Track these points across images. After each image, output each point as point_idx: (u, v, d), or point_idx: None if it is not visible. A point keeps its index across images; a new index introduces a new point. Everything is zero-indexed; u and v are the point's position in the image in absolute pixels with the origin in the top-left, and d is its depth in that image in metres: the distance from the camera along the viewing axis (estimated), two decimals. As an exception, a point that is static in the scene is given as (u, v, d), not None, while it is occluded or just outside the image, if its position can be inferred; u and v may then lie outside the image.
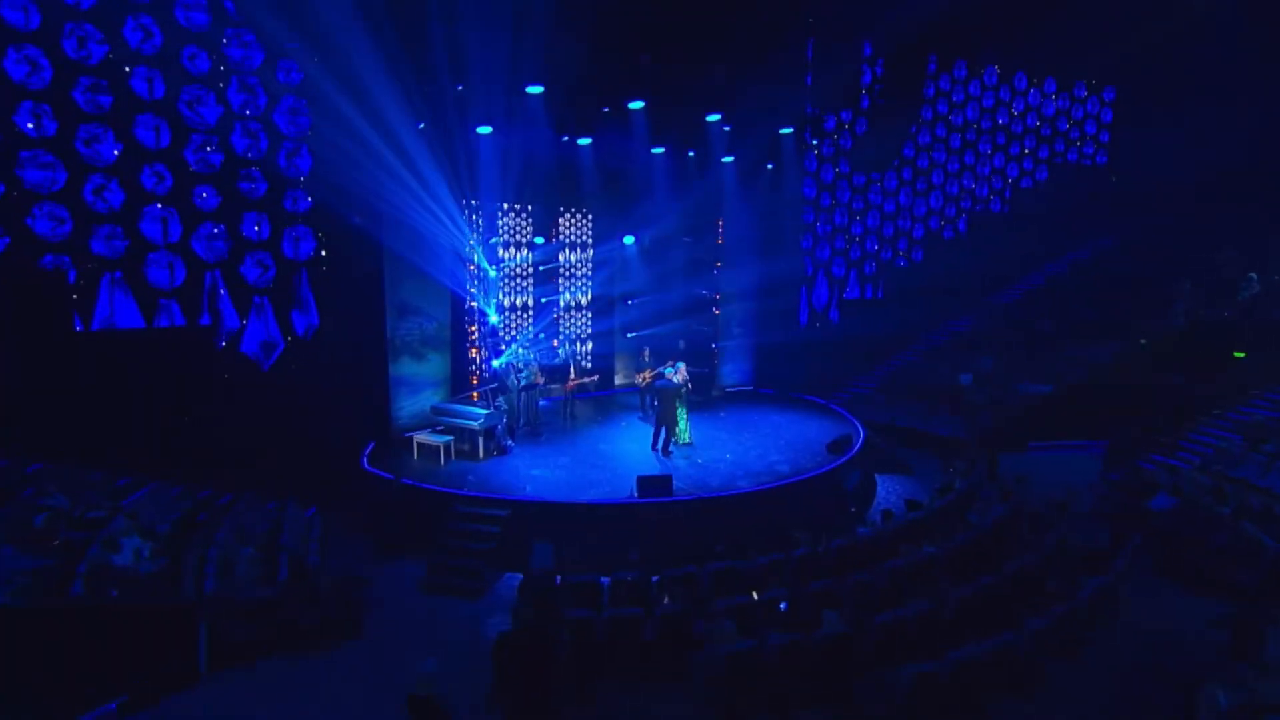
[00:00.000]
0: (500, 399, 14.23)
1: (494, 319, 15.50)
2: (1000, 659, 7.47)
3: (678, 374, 14.42)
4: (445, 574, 10.68)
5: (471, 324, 15.83)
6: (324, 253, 12.91)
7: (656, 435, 14.07)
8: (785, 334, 19.92)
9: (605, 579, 9.32)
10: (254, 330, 12.25)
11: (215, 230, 11.49)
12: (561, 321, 19.06)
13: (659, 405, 14.07)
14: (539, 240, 18.24)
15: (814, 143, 19.08)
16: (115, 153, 10.59)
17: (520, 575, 10.63)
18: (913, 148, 20.90)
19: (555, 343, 18.00)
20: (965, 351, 21.03)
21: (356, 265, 13.43)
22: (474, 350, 15.87)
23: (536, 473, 12.84)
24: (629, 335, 19.44)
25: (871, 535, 10.72)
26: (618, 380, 20.18)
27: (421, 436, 13.43)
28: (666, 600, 8.83)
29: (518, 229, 18.02)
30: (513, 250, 18.09)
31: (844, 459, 13.71)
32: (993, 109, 21.74)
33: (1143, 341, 18.14)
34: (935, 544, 10.37)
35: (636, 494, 11.55)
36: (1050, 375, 18.59)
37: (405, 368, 14.31)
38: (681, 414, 14.52)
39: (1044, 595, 8.73)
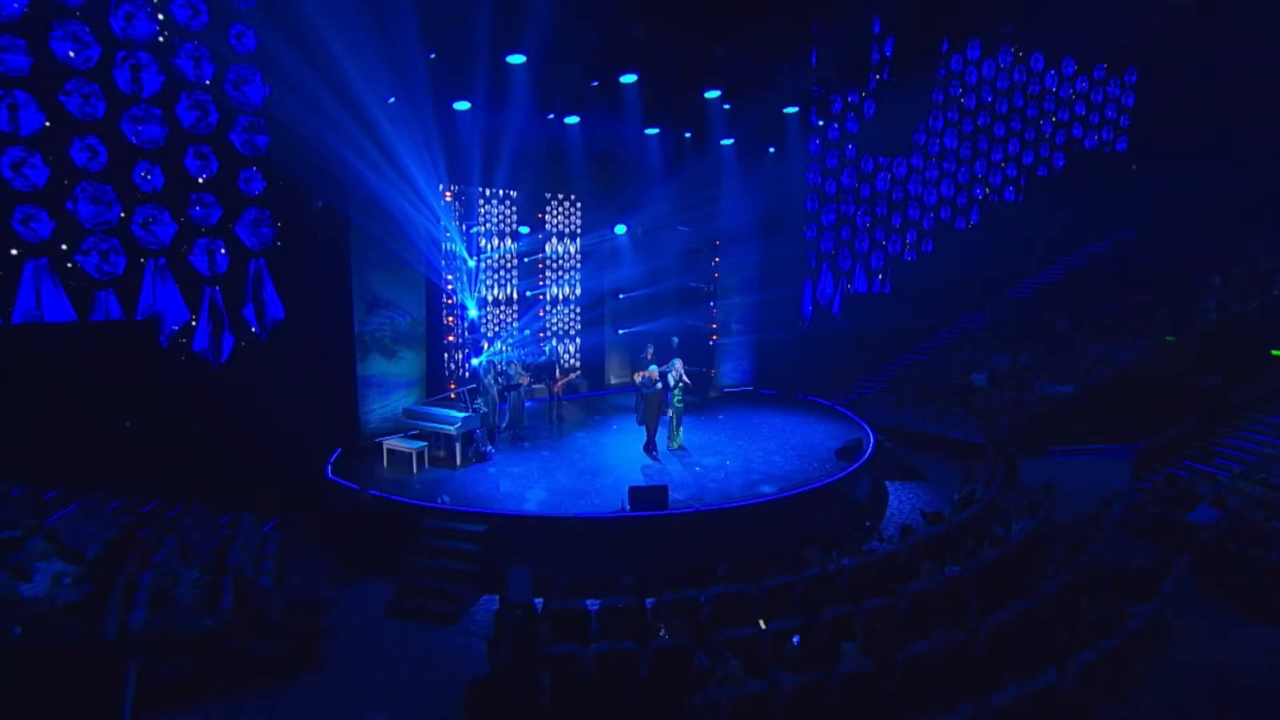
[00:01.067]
0: (479, 400, 13.41)
1: (474, 313, 14.65)
2: (1044, 702, 6.72)
3: (672, 372, 13.67)
4: (416, 596, 9.90)
5: (449, 319, 14.97)
6: (283, 240, 12.04)
7: (650, 438, 13.44)
8: (787, 330, 19.19)
9: (594, 603, 8.54)
10: (205, 325, 11.37)
11: (159, 213, 10.60)
12: (548, 316, 18.28)
13: (641, 405, 13.36)
14: (523, 230, 17.44)
15: (820, 123, 18.31)
16: (39, 123, 9.66)
17: (500, 598, 9.84)
18: (923, 132, 20.18)
19: (541, 337, 17.17)
20: (978, 350, 20.40)
21: (320, 254, 12.59)
22: (452, 347, 15.01)
23: (517, 482, 12.03)
24: (620, 332, 18.72)
25: (889, 553, 9.97)
26: (611, 380, 19.42)
27: (392, 442, 12.61)
28: (663, 632, 8.04)
29: (500, 217, 17.19)
30: (495, 240, 17.29)
31: (855, 466, 13.01)
32: (1008, 91, 21.05)
33: (1169, 338, 17.48)
34: (959, 562, 9.67)
35: (628, 507, 10.78)
36: (1071, 375, 17.93)
37: (375, 366, 13.48)
38: (679, 412, 13.83)
39: (1085, 623, 8.00)
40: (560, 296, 18.72)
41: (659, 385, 13.47)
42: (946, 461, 16.33)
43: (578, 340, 19.04)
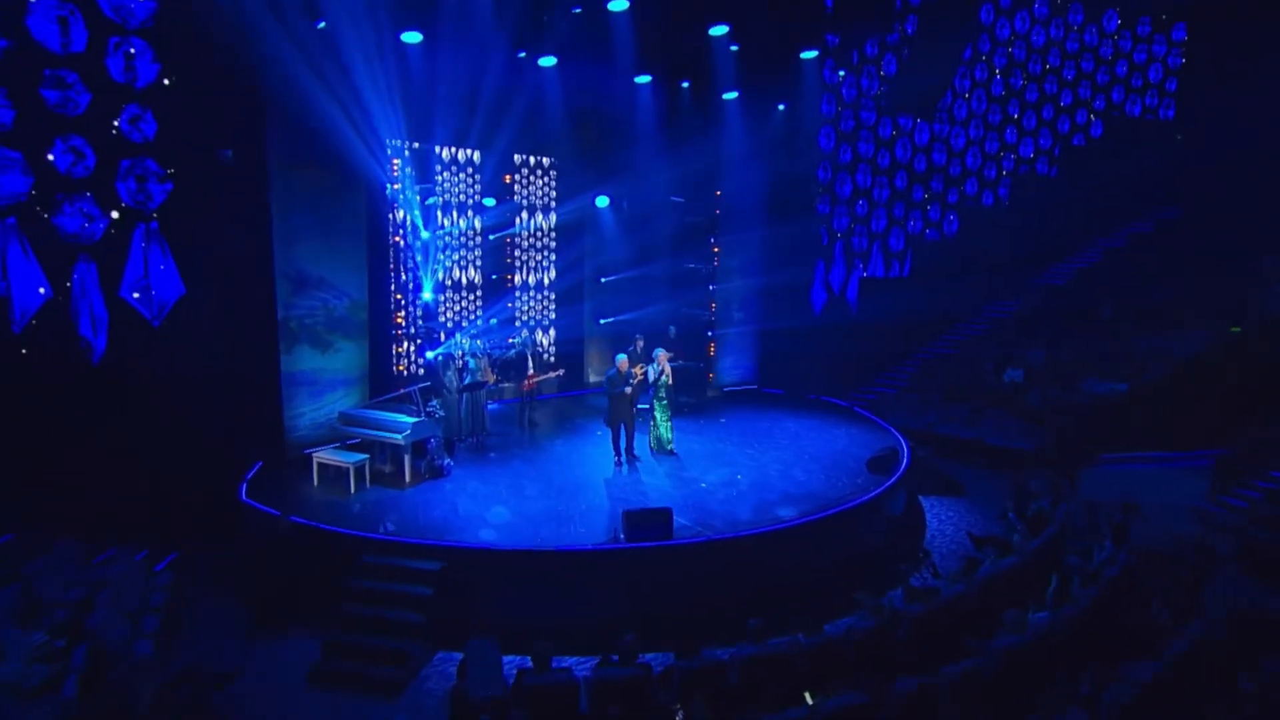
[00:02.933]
0: (435, 402, 11.57)
1: (428, 295, 12.77)
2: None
3: (653, 365, 12.15)
4: (350, 657, 8.13)
5: (398, 304, 13.05)
6: (182, 199, 10.11)
7: (616, 441, 11.94)
8: (795, 320, 17.64)
9: (584, 667, 6.79)
10: (78, 308, 9.38)
11: (6, 159, 8.59)
12: (518, 304, 16.58)
13: (608, 406, 11.88)
14: (488, 202, 15.61)
15: (840, 74, 16.68)
16: None
17: (459, 655, 8.05)
18: (949, 94, 18.67)
19: (512, 339, 15.38)
20: (1009, 342, 19.02)
21: (232, 218, 10.69)
22: (402, 338, 13.10)
23: (482, 504, 10.23)
24: (602, 321, 17.11)
25: (956, 595, 8.33)
26: (590, 378, 17.68)
27: (325, 455, 10.75)
28: (679, 714, 6.31)
29: (461, 186, 15.34)
30: (455, 214, 15.45)
31: (892, 480, 11.44)
32: (1042, 49, 19.63)
33: (1235, 329, 16.16)
34: (1044, 605, 8.11)
35: (623, 536, 9.06)
36: (1120, 370, 16.58)
37: (304, 360, 11.63)
38: (663, 415, 12.32)
39: (1241, 695, 6.40)
40: (531, 281, 16.90)
41: (630, 385, 11.86)
42: (984, 471, 14.94)
43: (552, 332, 17.32)
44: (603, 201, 16.59)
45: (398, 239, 12.85)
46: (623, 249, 16.77)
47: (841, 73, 16.83)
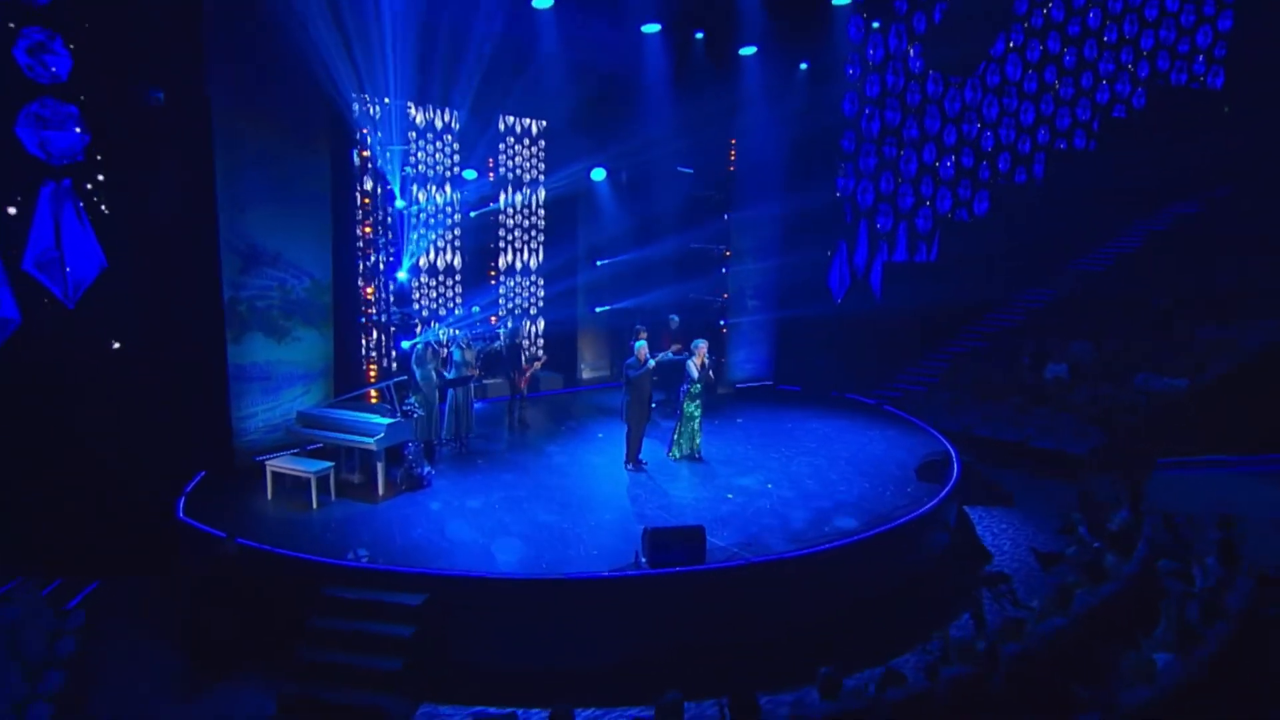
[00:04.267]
0: (413, 400, 10.25)
1: (403, 275, 11.45)
2: None
3: (693, 357, 11.16)
4: (311, 715, 6.80)
5: (368, 287, 11.68)
6: (103, 152, 8.72)
7: (632, 442, 10.97)
8: (814, 307, 16.48)
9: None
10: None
11: None
12: (502, 289, 15.45)
13: (627, 399, 10.89)
14: (468, 174, 14.35)
15: (874, 25, 15.55)
16: None
17: (449, 710, 6.86)
18: (982, 58, 17.63)
19: (499, 328, 14.16)
20: (1047, 334, 18.08)
21: (166, 176, 9.33)
22: (373, 326, 11.73)
23: (471, 522, 8.96)
24: (598, 309, 15.99)
25: (1057, 630, 7.19)
26: (584, 374, 16.50)
27: (281, 463, 9.44)
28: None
29: (439, 155, 14.05)
30: (431, 188, 14.14)
31: (948, 488, 10.34)
32: (1082, 9, 18.65)
33: (1307, 316, 15.27)
34: (1156, 644, 7.02)
35: (644, 560, 7.84)
36: (1179, 366, 15.62)
37: (257, 351, 10.33)
38: (694, 416, 11.33)
39: None
40: (517, 265, 15.73)
41: (650, 365, 10.91)
42: (1031, 478, 13.92)
43: (540, 322, 16.17)
44: (599, 174, 15.42)
45: (366, 204, 11.47)
46: (621, 228, 15.65)
47: (876, 23, 15.69)
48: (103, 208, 8.87)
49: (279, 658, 7.22)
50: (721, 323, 15.39)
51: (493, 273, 15.48)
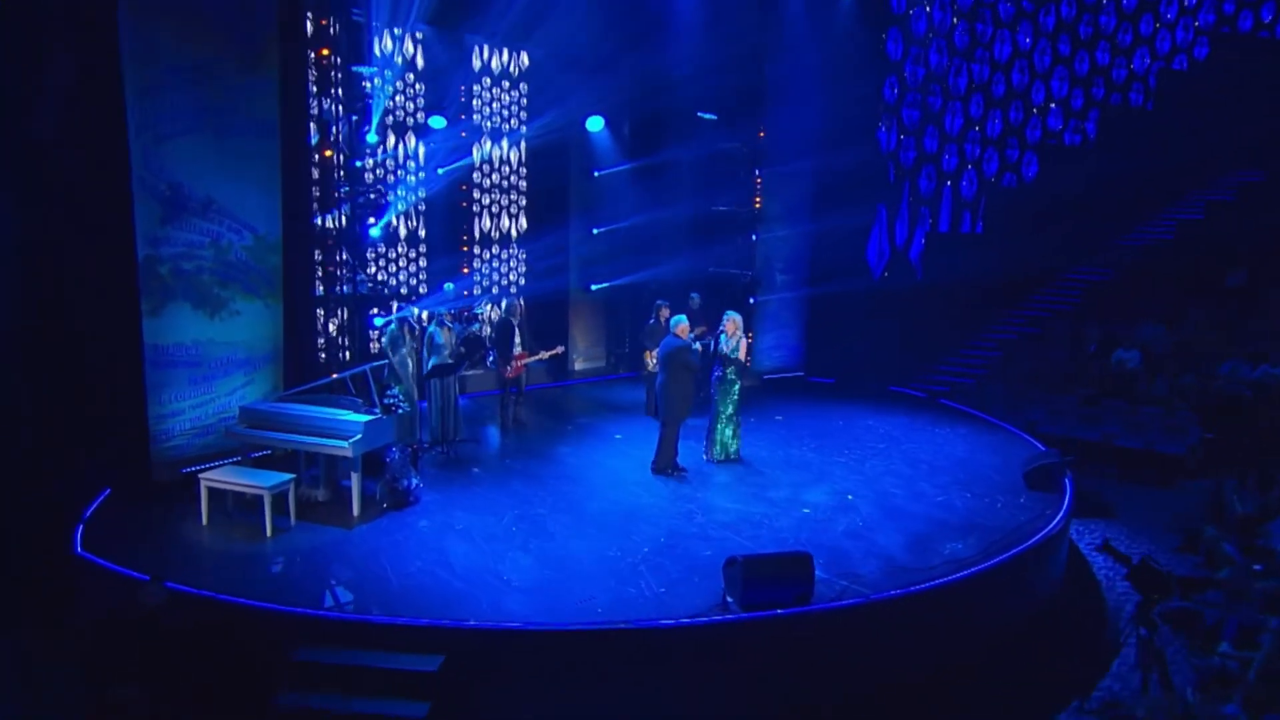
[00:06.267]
0: (396, 391, 8.53)
1: (376, 232, 9.74)
2: None
3: (727, 338, 9.92)
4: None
5: (329, 246, 9.86)
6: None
7: (670, 442, 9.67)
8: (850, 284, 15.23)
9: None
10: None
11: None
12: (478, 262, 14.22)
13: (663, 386, 9.56)
14: (436, 122, 12.87)
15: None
16: None
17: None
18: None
19: (477, 307, 12.70)
20: (1108, 316, 17.16)
21: (52, 88, 7.50)
22: (337, 299, 9.90)
23: (483, 550, 7.32)
24: (594, 287, 14.93)
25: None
26: (577, 364, 15.13)
27: (222, 476, 7.64)
28: None
29: (400, 98, 12.44)
30: (391, 136, 12.58)
31: (1068, 500, 9.11)
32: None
33: None
34: None
35: (733, 600, 6.33)
36: (1275, 352, 14.70)
37: (183, 328, 8.60)
38: (728, 409, 10.03)
39: None
40: (494, 233, 14.48)
41: (695, 349, 9.63)
42: (1117, 483, 12.83)
43: (522, 301, 14.42)
44: (596, 124, 14.24)
45: (326, 154, 9.68)
46: (623, 188, 14.46)
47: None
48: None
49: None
50: (750, 300, 13.97)
51: (464, 241, 14.08)
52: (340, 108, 9.58)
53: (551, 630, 5.97)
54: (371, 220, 9.96)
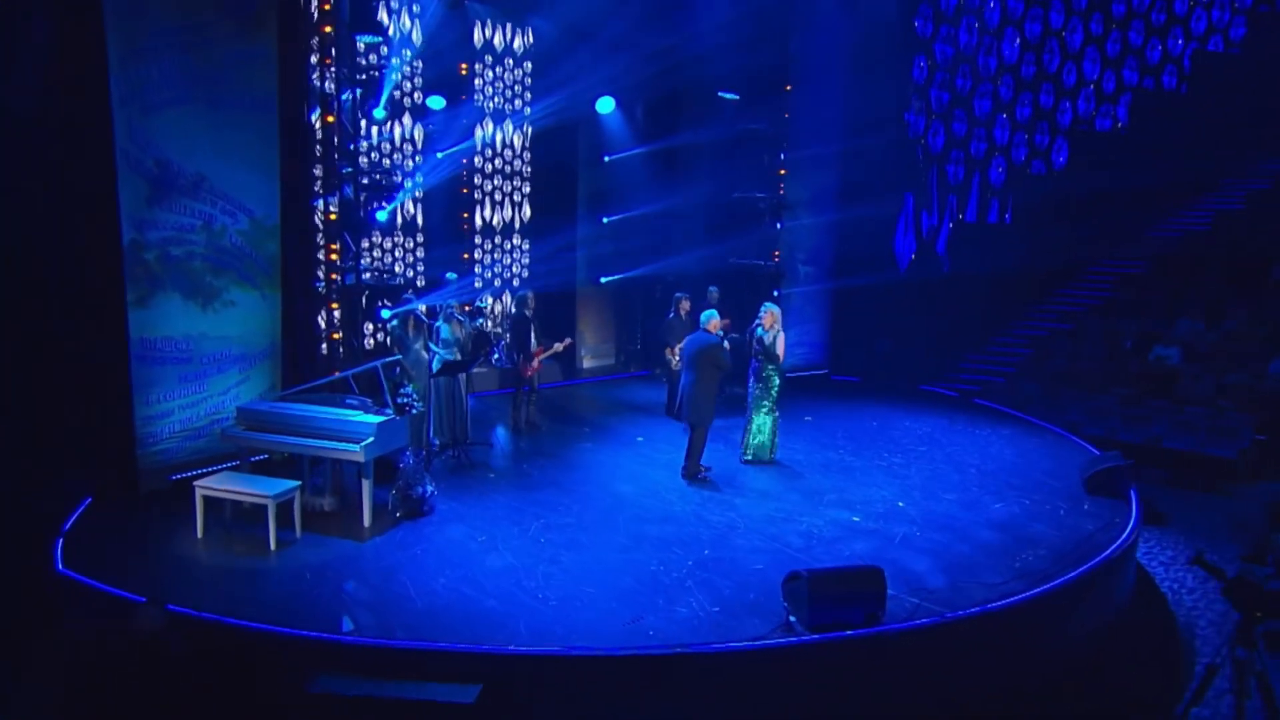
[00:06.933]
0: (411, 389, 8.08)
1: (384, 216, 9.28)
2: None
3: (765, 330, 9.62)
4: None
5: (332, 232, 9.35)
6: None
7: (699, 444, 9.29)
8: (875, 276, 14.94)
9: None
10: None
11: None
12: (479, 252, 13.76)
13: (691, 386, 9.16)
14: (434, 102, 12.37)
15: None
16: None
17: None
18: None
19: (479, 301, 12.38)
20: (1144, 311, 16.86)
21: (26, 49, 7.05)
22: (342, 290, 9.40)
23: (510, 563, 6.88)
24: (603, 280, 14.53)
25: None
26: (585, 361, 14.77)
27: (218, 484, 7.15)
28: None
29: (396, 76, 11.98)
30: (388, 117, 12.17)
31: (1136, 507, 8.80)
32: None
33: None
34: None
35: (801, 619, 5.94)
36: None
37: (173, 321, 8.14)
38: (766, 407, 9.74)
39: None
40: (495, 221, 14.06)
41: (726, 346, 9.29)
42: (1169, 489, 12.49)
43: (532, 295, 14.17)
44: (607, 105, 13.76)
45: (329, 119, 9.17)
46: (636, 174, 14.01)
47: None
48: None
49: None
50: (775, 293, 13.57)
51: (465, 230, 13.58)
52: (331, 83, 9.07)
53: (601, 655, 5.51)
54: (382, 204, 9.46)
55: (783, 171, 13.83)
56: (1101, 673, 7.19)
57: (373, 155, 11.85)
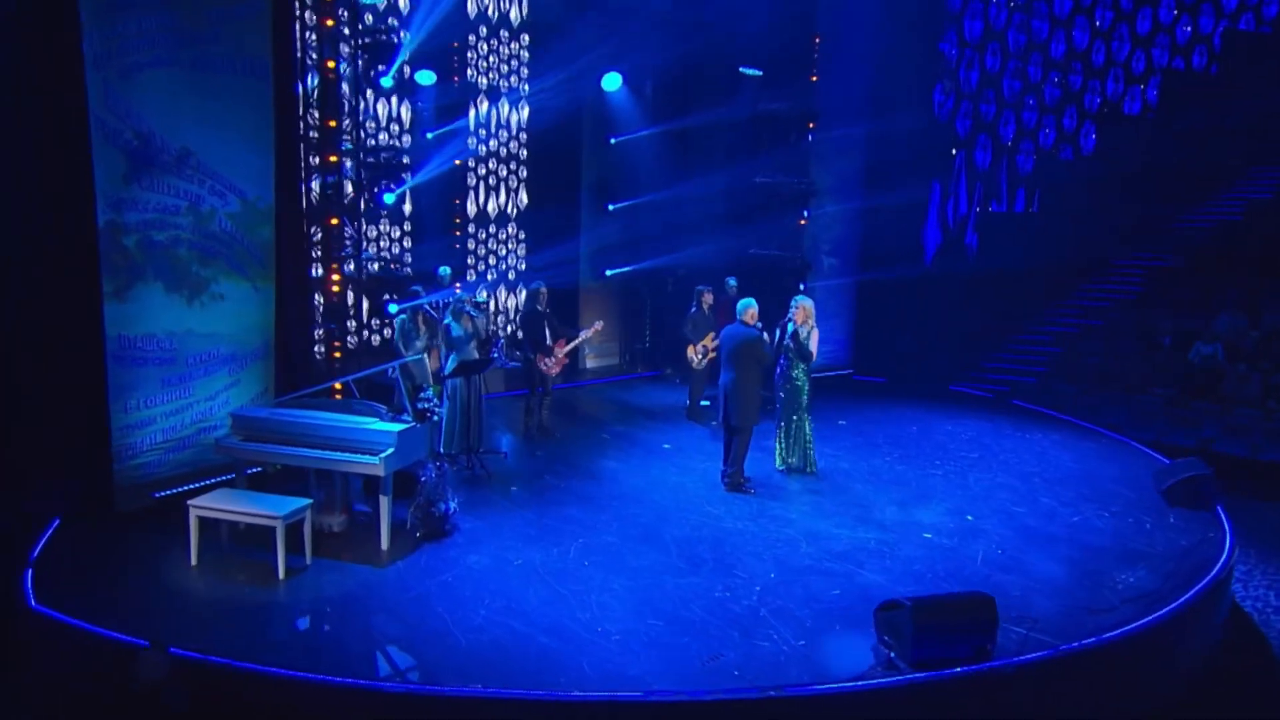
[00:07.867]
0: (430, 393, 7.52)
1: (391, 199, 8.70)
2: None
3: (797, 323, 9.19)
4: None
5: (330, 215, 8.73)
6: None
7: (728, 450, 8.93)
8: (902, 269, 14.57)
9: None
10: None
11: None
12: (473, 242, 13.42)
13: (733, 384, 8.70)
14: (425, 77, 12.00)
15: None
16: None
17: None
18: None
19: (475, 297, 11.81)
20: (1179, 307, 16.64)
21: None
22: (334, 280, 8.78)
23: (554, 590, 6.35)
24: (609, 272, 14.15)
25: None
26: (588, 361, 14.28)
27: (214, 503, 6.51)
28: None
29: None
30: (371, 95, 11.75)
31: (1228, 521, 8.56)
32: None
33: None
34: None
35: (904, 655, 5.45)
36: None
37: (155, 316, 7.50)
38: (800, 409, 9.38)
39: None
40: (490, 208, 13.64)
41: (762, 334, 8.88)
42: (1225, 496, 12.21)
43: (522, 293, 13.97)
44: (613, 82, 13.39)
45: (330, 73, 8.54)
46: (645, 157, 13.62)
47: None
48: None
49: None
50: (802, 286, 13.12)
51: (457, 221, 13.26)
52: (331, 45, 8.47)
53: (686, 701, 4.98)
54: (390, 186, 8.85)
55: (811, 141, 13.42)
56: (1212, 701, 6.82)
57: (380, 136, 11.34)
